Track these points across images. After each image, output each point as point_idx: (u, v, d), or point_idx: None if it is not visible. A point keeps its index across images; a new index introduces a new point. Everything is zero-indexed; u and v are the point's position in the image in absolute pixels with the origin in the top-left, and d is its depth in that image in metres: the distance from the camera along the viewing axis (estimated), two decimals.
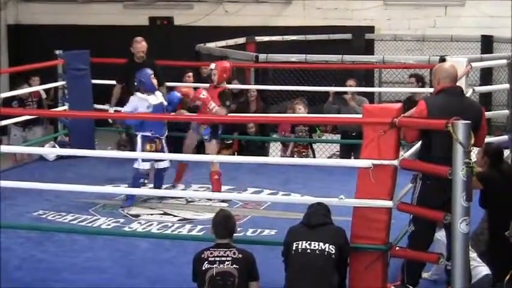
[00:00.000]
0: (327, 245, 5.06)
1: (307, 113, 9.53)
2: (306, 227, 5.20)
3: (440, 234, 5.69)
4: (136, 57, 8.96)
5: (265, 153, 10.10)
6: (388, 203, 5.30)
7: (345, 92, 9.67)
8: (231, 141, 9.76)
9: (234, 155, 9.69)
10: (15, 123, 10.17)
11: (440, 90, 5.44)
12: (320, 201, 5.36)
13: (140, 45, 8.94)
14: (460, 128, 4.88)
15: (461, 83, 6.62)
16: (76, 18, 15.99)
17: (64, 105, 9.89)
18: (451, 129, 4.87)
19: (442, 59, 9.14)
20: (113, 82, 9.28)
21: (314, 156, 9.80)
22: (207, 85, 8.28)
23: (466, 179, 4.89)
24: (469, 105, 5.47)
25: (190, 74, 10.27)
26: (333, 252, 5.06)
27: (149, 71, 8.00)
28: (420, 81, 9.87)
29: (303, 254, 5.06)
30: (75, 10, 16.26)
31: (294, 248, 5.09)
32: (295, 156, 9.60)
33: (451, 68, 5.52)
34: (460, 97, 5.46)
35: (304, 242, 5.08)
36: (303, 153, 9.74)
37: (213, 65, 8.24)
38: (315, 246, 5.06)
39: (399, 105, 5.57)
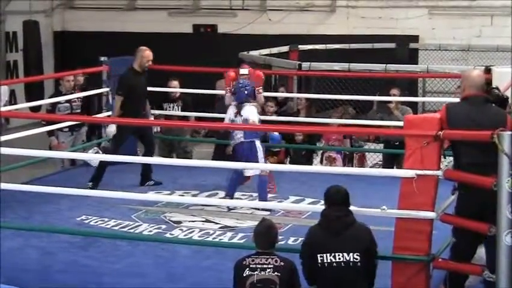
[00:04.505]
0: (351, 254, 5.00)
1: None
2: (327, 233, 5.09)
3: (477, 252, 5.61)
4: (140, 66, 8.65)
5: (310, 161, 10.08)
6: (431, 214, 5.26)
7: (389, 101, 9.62)
8: (277, 149, 9.79)
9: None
10: (61, 129, 10.22)
11: (464, 98, 5.47)
12: (337, 188, 5.22)
13: (150, 53, 8.66)
14: (506, 139, 4.82)
15: (508, 93, 6.55)
16: (121, 25, 16.17)
17: (107, 111, 9.97)
18: (496, 140, 4.82)
19: (487, 69, 9.03)
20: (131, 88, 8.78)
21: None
22: None
23: (511, 191, 4.83)
24: (491, 114, 5.37)
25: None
26: (358, 260, 5.00)
27: None
28: None
29: (329, 268, 5.01)
30: (120, 17, 16.44)
31: (319, 262, 5.04)
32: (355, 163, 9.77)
33: (477, 77, 5.53)
34: (482, 106, 5.40)
35: (328, 254, 5.01)
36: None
37: (245, 70, 8.24)
38: (339, 259, 5.00)
39: (442, 108, 5.53)
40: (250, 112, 7.94)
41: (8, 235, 6.70)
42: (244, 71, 8.13)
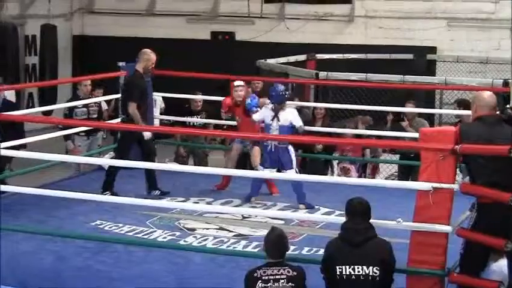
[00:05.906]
0: (371, 268, 4.97)
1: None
2: (348, 246, 5.07)
3: (497, 265, 5.57)
4: (145, 69, 8.55)
5: (325, 171, 10.07)
6: (447, 228, 5.23)
7: (403, 119, 9.60)
8: None
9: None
10: (78, 133, 10.26)
11: (477, 118, 5.49)
12: (359, 200, 5.21)
13: (154, 56, 8.58)
14: None
15: None
16: (139, 31, 16.21)
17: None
18: None
19: (506, 82, 9.00)
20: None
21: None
22: None
23: None
24: (503, 134, 5.36)
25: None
26: (378, 274, 4.98)
27: None
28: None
29: (347, 280, 4.98)
30: (139, 22, 16.49)
31: (338, 273, 5.01)
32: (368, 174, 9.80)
33: (489, 97, 5.54)
34: (494, 126, 5.41)
35: (347, 267, 4.99)
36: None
37: (241, 82, 8.61)
38: (359, 272, 4.97)
39: (456, 127, 5.53)
40: (294, 116, 8.24)
41: (23, 238, 6.73)
42: (239, 82, 8.69)
